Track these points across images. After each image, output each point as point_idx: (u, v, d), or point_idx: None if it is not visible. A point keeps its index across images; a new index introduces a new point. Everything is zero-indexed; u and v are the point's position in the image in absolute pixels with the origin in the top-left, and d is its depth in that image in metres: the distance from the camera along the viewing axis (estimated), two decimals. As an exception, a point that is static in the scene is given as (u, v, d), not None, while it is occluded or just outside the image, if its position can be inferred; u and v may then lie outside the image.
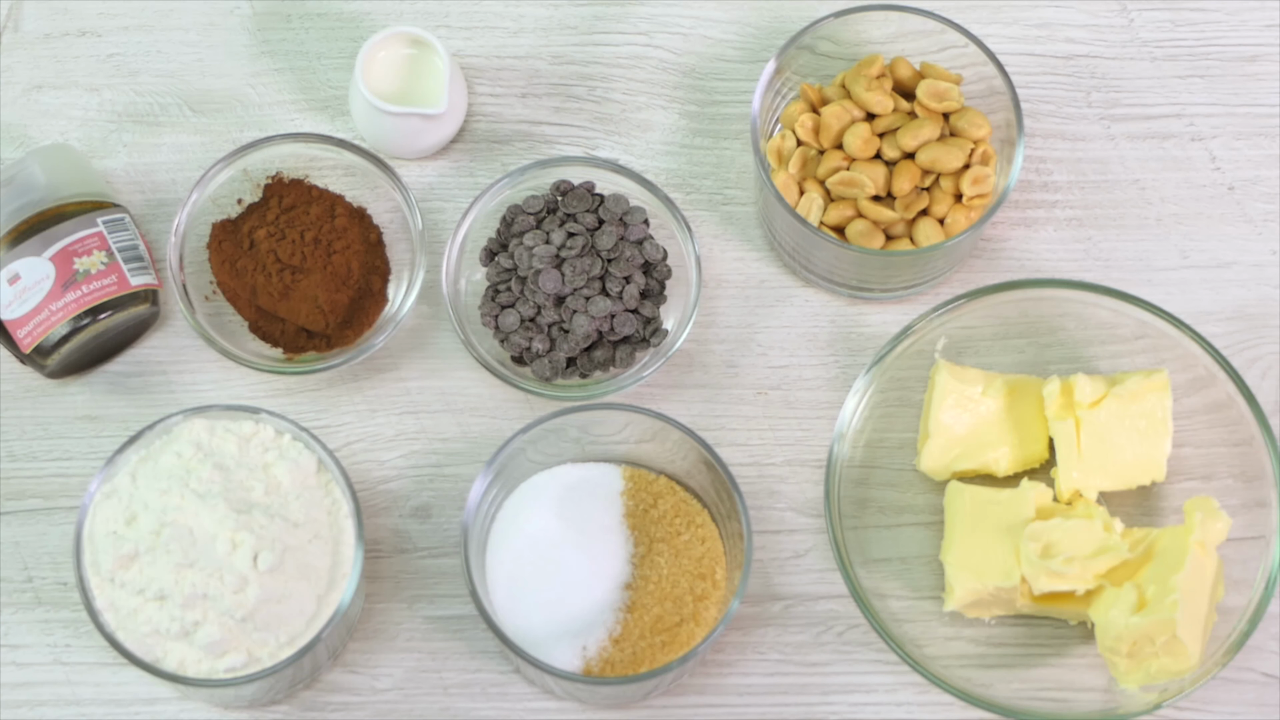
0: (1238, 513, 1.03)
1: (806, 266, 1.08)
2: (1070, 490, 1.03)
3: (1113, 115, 1.12)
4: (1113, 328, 1.06)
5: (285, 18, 1.14)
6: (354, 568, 0.99)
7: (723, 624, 0.98)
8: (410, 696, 1.04)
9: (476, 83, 1.13)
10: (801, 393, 1.08)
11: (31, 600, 1.05)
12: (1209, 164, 1.12)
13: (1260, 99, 1.13)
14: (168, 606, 0.97)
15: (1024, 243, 1.11)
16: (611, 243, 1.05)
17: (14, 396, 1.08)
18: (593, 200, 1.06)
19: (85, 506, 0.99)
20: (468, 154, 1.12)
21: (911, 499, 1.06)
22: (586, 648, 1.00)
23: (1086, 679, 1.03)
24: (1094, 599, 1.00)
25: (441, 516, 1.06)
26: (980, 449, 1.04)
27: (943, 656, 1.03)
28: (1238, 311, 1.09)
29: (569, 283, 1.04)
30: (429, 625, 1.05)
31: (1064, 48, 1.13)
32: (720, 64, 1.13)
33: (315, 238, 1.06)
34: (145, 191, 1.11)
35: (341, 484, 1.01)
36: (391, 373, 1.08)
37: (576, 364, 1.06)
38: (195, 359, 1.08)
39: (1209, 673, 0.99)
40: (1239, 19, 1.14)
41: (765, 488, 1.06)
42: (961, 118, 1.07)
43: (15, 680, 1.04)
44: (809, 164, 1.07)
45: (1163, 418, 1.03)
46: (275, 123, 1.12)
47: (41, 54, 1.13)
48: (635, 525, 1.02)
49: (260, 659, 0.98)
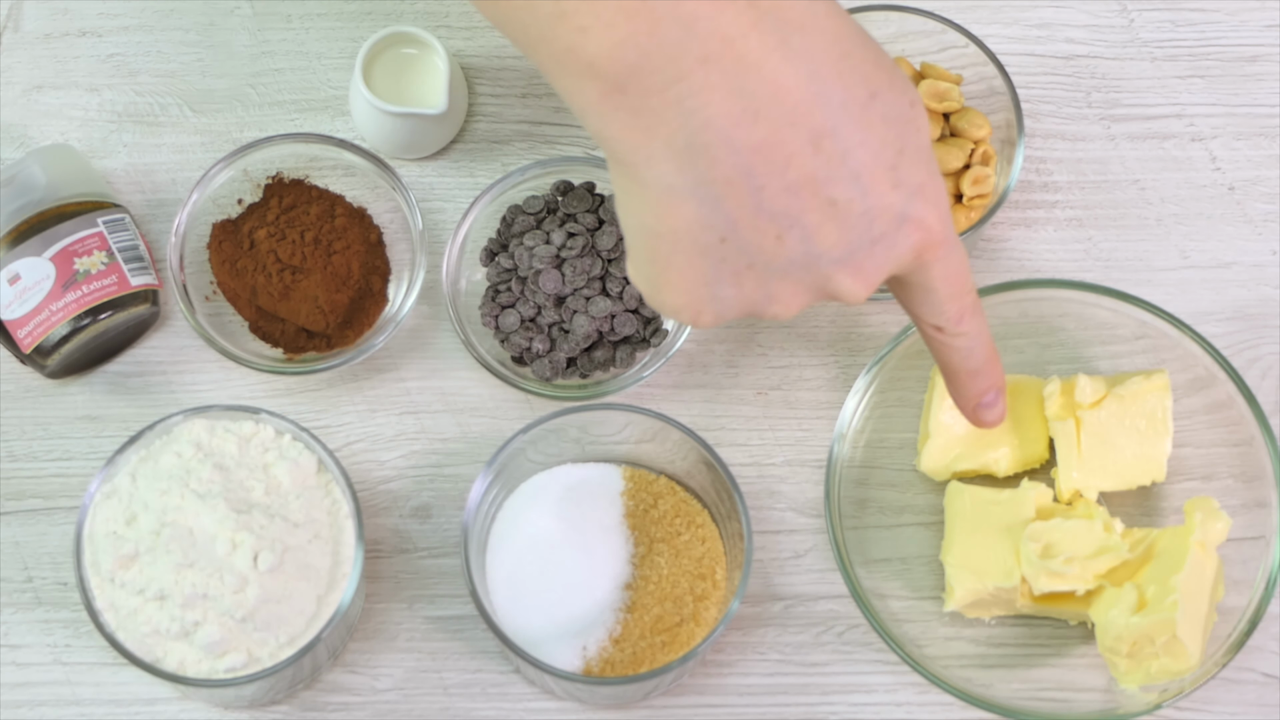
0: (1238, 513, 1.03)
1: (806, 266, 1.08)
2: (1070, 490, 1.03)
3: (1113, 115, 1.12)
4: (1113, 328, 1.06)
5: (285, 18, 1.14)
6: (354, 568, 0.99)
7: (723, 624, 0.98)
8: (410, 696, 1.04)
9: (476, 83, 1.13)
10: (801, 393, 1.08)
11: (31, 600, 1.05)
12: (1209, 164, 1.12)
13: (1260, 99, 1.13)
14: (168, 606, 0.97)
15: (1024, 243, 1.11)
16: (612, 243, 1.05)
17: (14, 396, 1.08)
18: (593, 200, 1.06)
19: (85, 506, 0.99)
20: (468, 154, 1.12)
21: (911, 499, 1.06)
22: (586, 648, 1.00)
23: (1086, 679, 1.03)
24: (1094, 599, 1.00)
25: (441, 516, 1.06)
26: (980, 449, 1.04)
27: (943, 656, 1.03)
28: (1238, 311, 1.09)
29: (569, 283, 1.04)
30: (429, 625, 1.05)
31: (1064, 48, 1.13)
32: (720, 64, 1.13)
33: (315, 238, 1.06)
34: (145, 191, 1.11)
35: (341, 484, 1.01)
36: (391, 373, 1.08)
37: (577, 364, 1.06)
38: (195, 359, 1.08)
39: (1209, 673, 0.99)
40: (1239, 19, 1.14)
41: (765, 488, 1.06)
42: (961, 118, 1.07)
43: (15, 680, 1.04)
44: (809, 164, 1.07)
45: (1163, 418, 1.03)
46: (275, 123, 1.12)
47: (41, 54, 1.13)
48: (635, 525, 1.02)
49: (260, 659, 0.98)
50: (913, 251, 0.84)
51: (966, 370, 0.92)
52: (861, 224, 0.82)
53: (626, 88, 0.77)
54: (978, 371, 0.93)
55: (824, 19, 0.79)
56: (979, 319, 0.90)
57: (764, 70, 0.78)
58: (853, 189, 0.81)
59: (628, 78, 0.77)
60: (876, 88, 0.81)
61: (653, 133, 0.79)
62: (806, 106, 0.79)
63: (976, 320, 0.90)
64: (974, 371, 0.93)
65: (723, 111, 0.78)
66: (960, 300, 0.89)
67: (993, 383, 0.94)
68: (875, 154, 0.81)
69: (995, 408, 0.95)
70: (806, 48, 0.79)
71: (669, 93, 0.77)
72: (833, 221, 0.81)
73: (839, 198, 0.81)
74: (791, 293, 0.84)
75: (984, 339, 0.91)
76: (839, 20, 0.80)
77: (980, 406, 0.95)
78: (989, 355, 0.93)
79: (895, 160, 0.81)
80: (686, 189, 0.80)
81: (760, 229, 0.81)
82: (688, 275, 0.83)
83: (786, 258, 0.82)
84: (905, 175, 0.82)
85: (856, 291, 0.84)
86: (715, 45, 0.77)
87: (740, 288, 0.83)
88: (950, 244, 0.86)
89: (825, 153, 0.80)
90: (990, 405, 0.95)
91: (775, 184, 0.80)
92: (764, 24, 0.78)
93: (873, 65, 0.81)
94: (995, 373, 0.93)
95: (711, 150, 0.79)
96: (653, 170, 0.79)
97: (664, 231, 0.81)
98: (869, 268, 0.84)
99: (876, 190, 0.82)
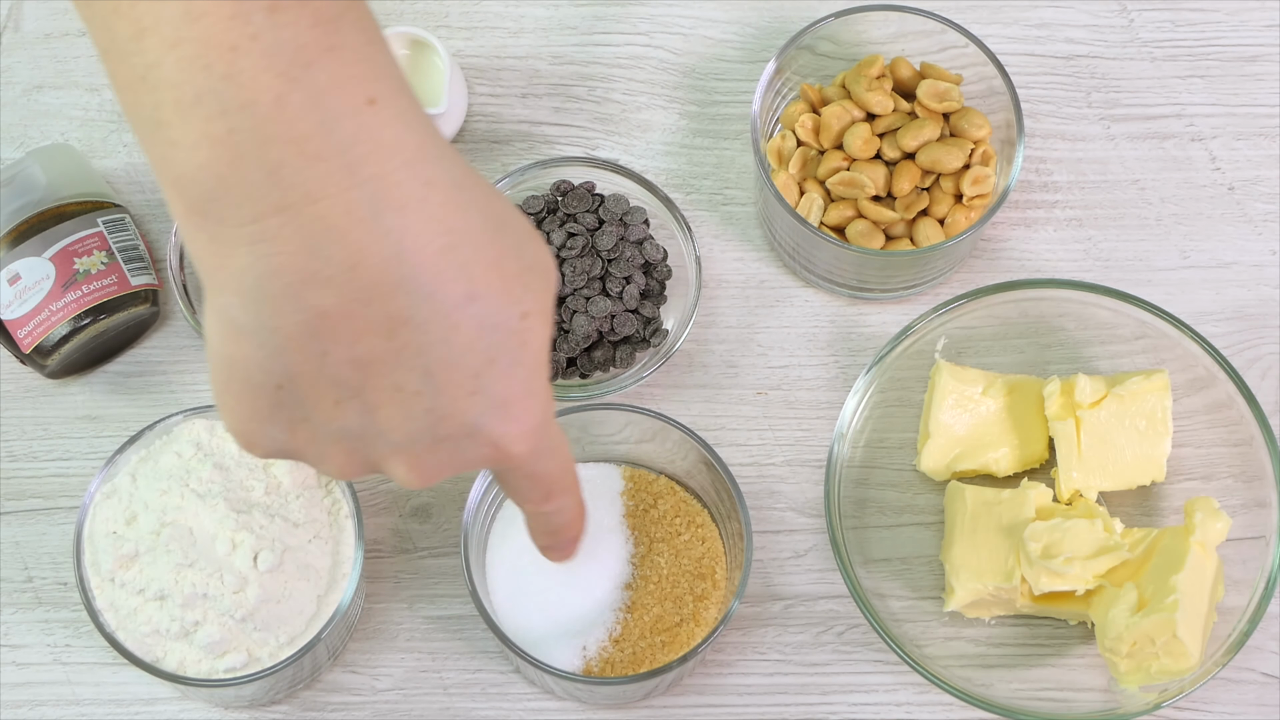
0: (1238, 513, 1.03)
1: (806, 267, 1.08)
2: (1070, 490, 1.03)
3: (1113, 115, 1.12)
4: (1113, 328, 1.06)
5: (285, 18, 1.14)
6: (354, 568, 0.99)
7: (723, 624, 0.98)
8: (410, 696, 1.04)
9: (476, 83, 1.13)
10: (801, 393, 1.08)
11: (31, 600, 1.05)
12: (1209, 164, 1.12)
13: (1260, 99, 1.13)
14: (168, 606, 0.97)
15: (1024, 243, 1.11)
16: (611, 243, 1.05)
17: (14, 396, 1.08)
18: (593, 200, 1.06)
19: (85, 506, 0.99)
20: (468, 154, 1.12)
21: (911, 499, 1.06)
22: (586, 648, 1.00)
23: (1086, 679, 1.03)
24: (1094, 599, 1.00)
25: (441, 516, 1.06)
26: (980, 449, 1.04)
27: (943, 656, 1.03)
28: (1238, 311, 1.09)
29: (569, 283, 1.04)
30: (429, 625, 1.05)
31: (1064, 48, 1.14)
32: (720, 64, 1.13)
33: (315, 238, 1.06)
34: (145, 191, 1.11)
35: (342, 484, 1.01)
36: (391, 373, 1.08)
37: (577, 364, 1.06)
38: (195, 359, 1.08)
39: (1209, 673, 0.99)
40: (1239, 19, 1.14)
41: (765, 488, 1.06)
42: (962, 118, 1.07)
43: (15, 680, 1.04)
44: (809, 164, 1.07)
45: (1163, 418, 1.03)
46: (275, 123, 1.12)
47: (41, 54, 1.13)
48: (635, 525, 1.02)
49: (260, 659, 0.98)
50: (484, 462, 0.79)
51: (544, 530, 0.90)
52: (426, 420, 0.77)
53: (206, 212, 0.73)
54: (557, 531, 0.90)
55: (437, 206, 0.74)
56: (565, 496, 0.86)
57: (346, 239, 0.72)
58: (423, 384, 0.76)
59: (206, 203, 0.72)
60: (480, 291, 0.75)
61: (226, 263, 0.74)
62: (387, 289, 0.73)
63: (563, 498, 0.86)
64: (552, 532, 0.90)
65: (294, 266, 0.73)
66: (542, 492, 0.85)
67: (570, 537, 0.91)
68: (457, 357, 0.75)
69: (563, 552, 0.92)
70: (401, 229, 0.73)
71: (242, 230, 0.72)
72: (396, 407, 0.76)
73: (406, 387, 0.76)
74: (344, 459, 0.79)
75: (568, 510, 0.88)
76: (458, 212, 0.74)
77: (548, 550, 0.92)
78: (573, 518, 0.89)
79: (481, 369, 0.76)
80: (250, 328, 0.75)
81: (319, 390, 0.76)
82: (243, 406, 0.78)
83: (341, 425, 0.77)
84: (490, 386, 0.77)
85: (411, 481, 0.79)
86: (296, 198, 0.72)
87: (293, 436, 0.79)
88: (536, 459, 0.80)
89: (399, 340, 0.74)
90: (558, 550, 0.92)
91: (341, 353, 0.74)
92: (357, 192, 0.72)
93: (485, 267, 0.75)
94: (576, 530, 0.90)
95: (277, 301, 0.74)
96: (223, 298, 0.75)
97: (226, 358, 0.77)
98: (428, 464, 0.79)
99: (448, 394, 0.76)
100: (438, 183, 0.74)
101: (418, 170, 0.73)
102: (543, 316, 0.78)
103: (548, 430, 0.81)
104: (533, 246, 0.78)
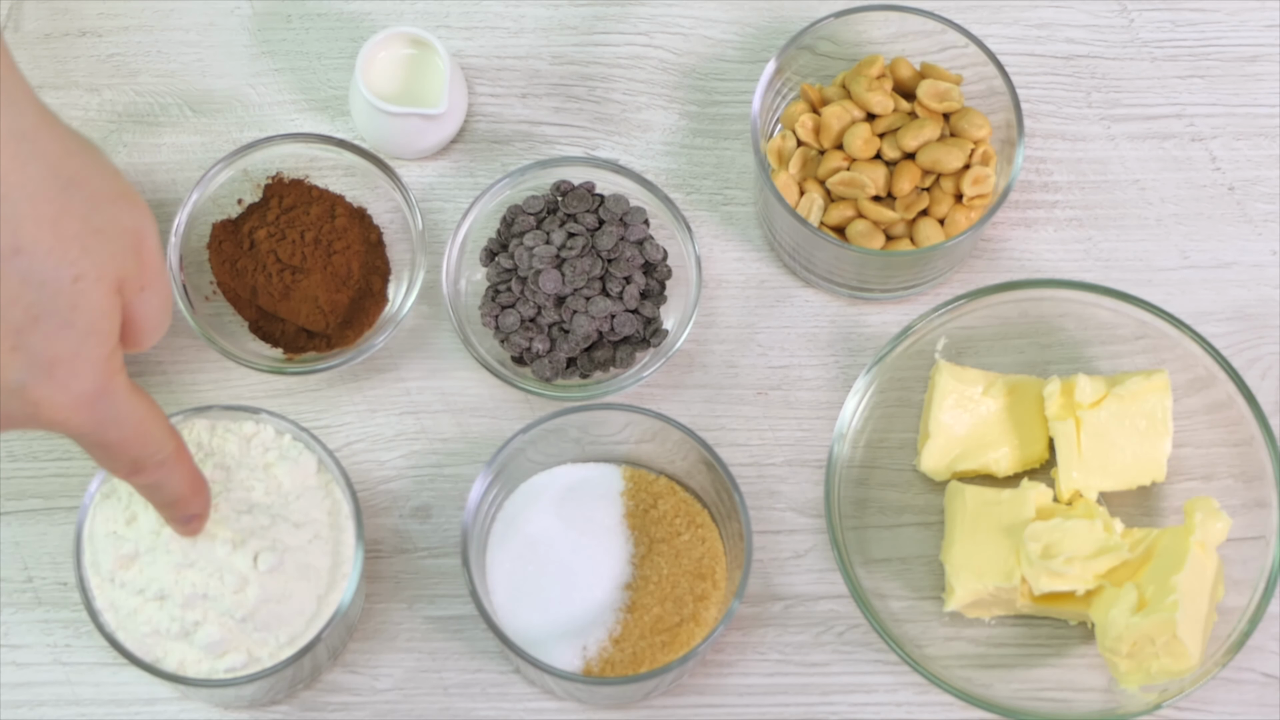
0: (1238, 513, 1.03)
1: (806, 266, 1.08)
2: (1070, 490, 1.03)
3: (1113, 115, 1.12)
4: (1113, 328, 1.06)
5: (285, 18, 1.14)
6: (354, 568, 0.99)
7: (723, 624, 0.98)
8: (410, 696, 1.04)
9: (476, 83, 1.13)
10: (801, 393, 1.08)
11: (31, 600, 1.05)
12: (1209, 164, 1.12)
13: (1260, 99, 1.13)
14: (168, 606, 0.97)
15: (1024, 243, 1.11)
16: (612, 243, 1.05)
17: (14, 396, 1.08)
18: (593, 200, 1.06)
19: (85, 506, 0.99)
20: (468, 154, 1.12)
21: (911, 499, 1.06)
22: (586, 648, 1.00)
23: (1086, 679, 1.03)
24: (1094, 599, 1.00)
25: (441, 516, 1.06)
26: (980, 449, 1.04)
27: (943, 656, 1.03)
28: (1238, 311, 1.09)
29: (569, 283, 1.04)
30: (429, 625, 1.05)
31: (1064, 48, 1.13)
32: (720, 64, 1.13)
33: (315, 238, 1.06)
34: (145, 191, 1.11)
35: (342, 484, 1.01)
36: (391, 373, 1.08)
37: (577, 364, 1.06)
38: (195, 359, 1.08)
39: (1209, 673, 0.99)
40: (1239, 19, 1.14)
41: (765, 488, 1.06)
42: (962, 118, 1.07)
43: (15, 680, 1.04)
44: (809, 164, 1.07)
45: (1163, 418, 1.03)
46: (275, 123, 1.12)
47: (41, 54, 1.13)
48: (635, 525, 1.02)
49: (260, 659, 0.98)
50: (30, 422, 0.78)
51: (159, 504, 0.90)
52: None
53: None
54: (173, 505, 0.89)
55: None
56: (165, 469, 0.86)
57: None
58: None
59: None
60: (26, 246, 0.73)
61: None
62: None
63: (160, 471, 0.86)
64: (168, 505, 0.90)
65: None
66: (126, 463, 0.84)
67: (190, 513, 0.90)
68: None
69: (190, 525, 0.93)
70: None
71: None
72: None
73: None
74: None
75: (175, 482, 0.87)
76: (16, 163, 0.73)
77: (175, 523, 0.93)
78: (184, 492, 0.89)
79: (25, 326, 0.75)
80: None
81: None
82: None
83: None
84: (33, 344, 0.75)
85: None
86: None
87: None
88: (99, 428, 0.79)
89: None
90: (185, 524, 0.92)
91: None
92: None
93: (37, 223, 0.74)
94: (195, 503, 0.90)
95: None
96: None
97: None
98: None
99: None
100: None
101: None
102: (101, 282, 0.76)
103: (110, 400, 0.79)
104: (112, 211, 0.76)
